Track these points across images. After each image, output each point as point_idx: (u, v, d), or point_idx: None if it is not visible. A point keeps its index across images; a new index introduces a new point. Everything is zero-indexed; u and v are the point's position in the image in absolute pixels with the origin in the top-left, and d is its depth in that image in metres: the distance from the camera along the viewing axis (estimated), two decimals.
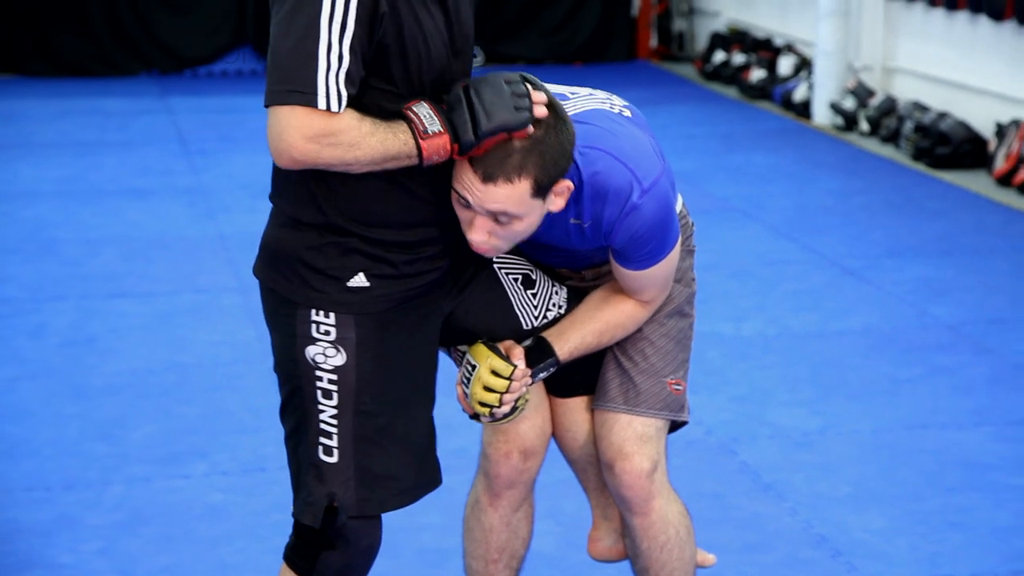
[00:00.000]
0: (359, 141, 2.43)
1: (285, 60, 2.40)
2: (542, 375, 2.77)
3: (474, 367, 2.72)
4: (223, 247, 6.58)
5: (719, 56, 11.27)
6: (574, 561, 3.68)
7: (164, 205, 7.41)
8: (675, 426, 2.93)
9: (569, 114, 2.60)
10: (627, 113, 2.74)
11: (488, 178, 2.46)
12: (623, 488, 2.84)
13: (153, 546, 3.77)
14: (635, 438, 2.82)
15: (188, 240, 6.73)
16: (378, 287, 2.58)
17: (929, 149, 8.25)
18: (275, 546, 3.22)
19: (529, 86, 2.48)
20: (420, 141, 2.44)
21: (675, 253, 2.73)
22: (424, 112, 2.45)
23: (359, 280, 2.57)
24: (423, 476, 2.69)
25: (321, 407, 2.59)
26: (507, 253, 2.72)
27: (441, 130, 2.44)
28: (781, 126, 9.60)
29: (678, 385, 2.84)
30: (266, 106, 2.44)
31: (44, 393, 4.84)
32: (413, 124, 2.44)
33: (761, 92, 10.44)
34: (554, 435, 2.96)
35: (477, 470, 2.99)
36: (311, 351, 2.58)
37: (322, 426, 2.59)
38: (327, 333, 2.57)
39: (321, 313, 2.57)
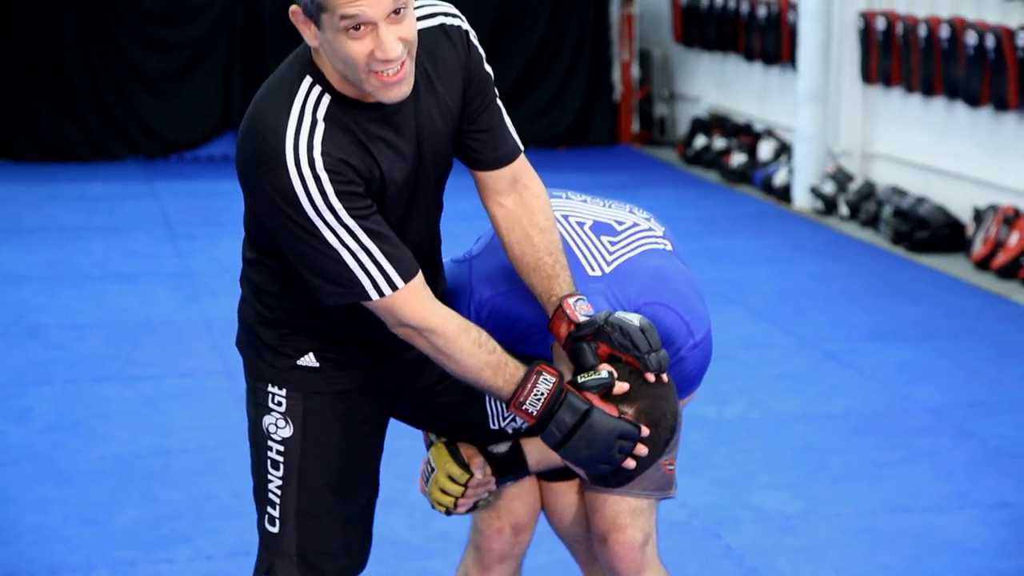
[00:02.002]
0: (452, 354, 2.45)
1: (321, 271, 2.41)
2: (508, 483, 2.81)
3: (434, 469, 2.76)
4: (208, 331, 6.58)
5: (700, 141, 11.37)
6: None
7: (150, 289, 7.42)
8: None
9: (625, 258, 2.66)
10: (668, 246, 2.78)
11: None
12: (615, 559, 2.85)
13: None
14: (628, 511, 2.84)
15: (174, 324, 6.74)
16: (329, 370, 2.63)
17: (908, 233, 8.32)
18: None
19: (637, 441, 2.46)
20: (511, 403, 2.47)
21: (696, 393, 2.77)
22: (539, 391, 2.44)
23: (309, 360, 2.63)
24: (359, 556, 2.73)
25: (270, 477, 2.65)
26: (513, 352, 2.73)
27: (534, 415, 2.45)
28: (762, 210, 9.66)
29: (671, 465, 2.86)
30: (325, 304, 2.46)
31: (27, 478, 4.82)
32: (521, 389, 2.44)
33: (742, 176, 10.52)
34: (543, 512, 2.98)
35: (467, 545, 3.01)
36: (266, 420, 2.65)
37: (269, 495, 2.66)
38: (279, 404, 2.64)
39: (275, 386, 2.63)
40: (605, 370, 2.47)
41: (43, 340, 6.47)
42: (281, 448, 2.63)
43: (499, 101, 2.62)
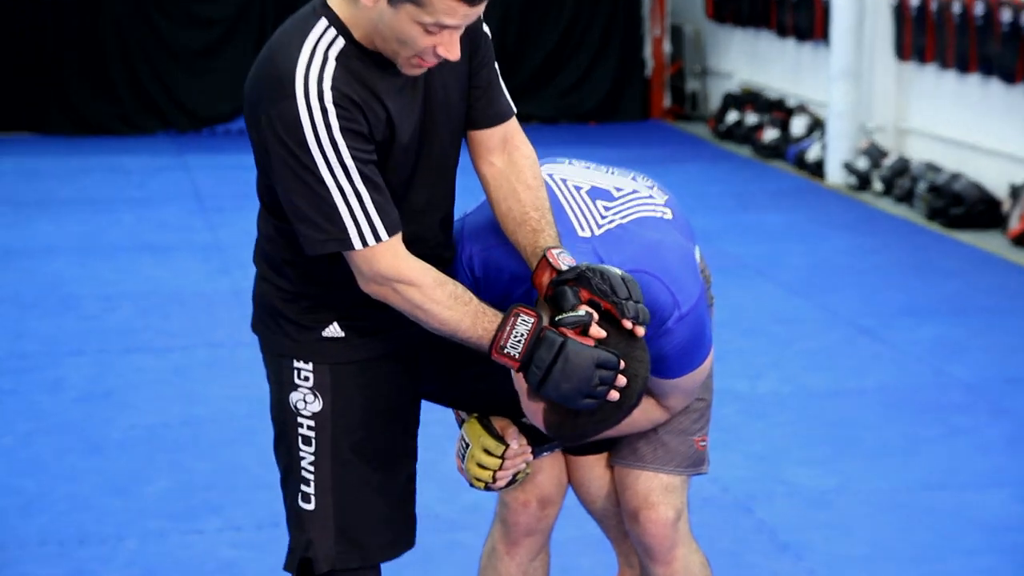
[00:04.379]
0: (428, 308, 2.42)
1: (310, 213, 2.40)
2: (545, 453, 2.77)
3: (468, 444, 2.71)
4: (238, 302, 6.56)
5: (732, 116, 11.30)
6: None
7: (180, 261, 7.41)
8: None
9: (616, 224, 2.62)
10: (668, 215, 2.72)
11: None
12: (647, 536, 2.82)
13: None
14: (660, 488, 2.81)
15: (204, 295, 6.73)
16: (354, 338, 2.60)
17: (943, 209, 8.23)
18: None
19: (618, 372, 2.39)
20: (492, 350, 2.41)
21: (705, 366, 2.71)
22: (518, 332, 2.39)
23: (333, 330, 2.61)
24: (403, 533, 2.68)
25: (302, 454, 2.61)
26: None
27: (516, 358, 2.39)
28: (794, 185, 9.59)
29: (703, 441, 2.83)
30: (308, 254, 2.44)
31: (60, 447, 4.81)
32: (500, 333, 2.39)
33: (774, 152, 10.45)
34: (571, 486, 2.94)
35: (494, 519, 2.96)
36: (293, 397, 2.61)
37: (303, 473, 2.61)
38: (307, 379, 2.61)
39: (301, 360, 2.60)
40: (584, 309, 2.42)
41: (76, 311, 6.47)
42: (312, 423, 2.59)
43: (495, 63, 2.62)
